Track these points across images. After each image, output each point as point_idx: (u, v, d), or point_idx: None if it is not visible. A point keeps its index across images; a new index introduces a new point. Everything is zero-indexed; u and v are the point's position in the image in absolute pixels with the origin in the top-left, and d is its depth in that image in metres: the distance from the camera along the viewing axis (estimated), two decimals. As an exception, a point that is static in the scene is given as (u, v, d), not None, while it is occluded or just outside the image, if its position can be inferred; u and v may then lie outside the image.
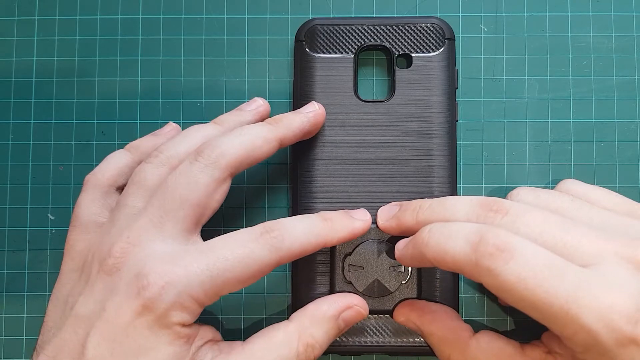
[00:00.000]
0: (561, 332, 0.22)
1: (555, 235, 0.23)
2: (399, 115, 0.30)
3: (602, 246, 0.22)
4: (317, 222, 0.26)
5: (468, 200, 0.25)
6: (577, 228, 0.23)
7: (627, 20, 0.32)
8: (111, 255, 0.24)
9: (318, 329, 0.26)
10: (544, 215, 0.23)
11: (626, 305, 0.21)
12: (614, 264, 0.22)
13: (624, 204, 0.27)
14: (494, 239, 0.22)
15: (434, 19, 0.30)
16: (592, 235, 0.23)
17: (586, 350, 0.22)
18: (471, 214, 0.24)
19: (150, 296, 0.23)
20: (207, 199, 0.25)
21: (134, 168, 0.29)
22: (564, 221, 0.23)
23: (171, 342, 0.23)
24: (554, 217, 0.23)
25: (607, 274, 0.21)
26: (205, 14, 0.32)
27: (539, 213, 0.24)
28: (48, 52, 0.32)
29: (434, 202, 0.26)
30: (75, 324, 0.24)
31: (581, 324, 0.21)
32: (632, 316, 0.20)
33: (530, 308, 0.22)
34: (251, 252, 0.24)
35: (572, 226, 0.23)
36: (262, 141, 0.27)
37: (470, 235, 0.23)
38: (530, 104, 0.32)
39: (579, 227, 0.23)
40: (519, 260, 0.21)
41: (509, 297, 0.22)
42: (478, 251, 0.22)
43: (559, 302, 0.21)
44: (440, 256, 0.23)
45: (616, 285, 0.21)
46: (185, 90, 0.32)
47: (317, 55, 0.30)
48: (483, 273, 0.22)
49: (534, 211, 0.24)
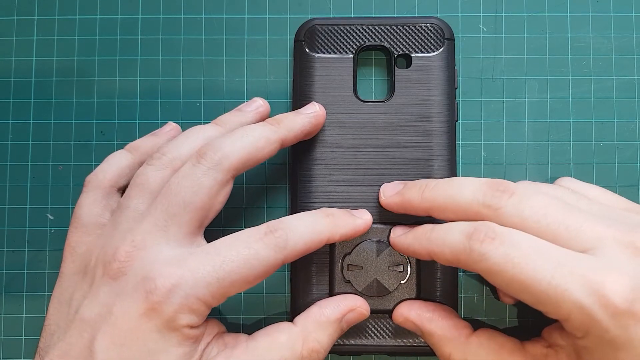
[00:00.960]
0: (557, 314, 0.22)
1: (558, 217, 0.23)
2: (398, 116, 0.30)
3: (602, 231, 0.23)
4: (319, 218, 0.26)
5: (476, 181, 0.25)
6: (580, 213, 0.24)
7: (627, 20, 0.32)
8: (116, 259, 0.24)
9: (322, 333, 0.26)
10: (548, 199, 0.24)
11: (622, 286, 0.21)
12: (612, 249, 0.22)
13: (619, 201, 0.27)
14: (486, 229, 0.23)
15: (434, 19, 0.30)
16: (593, 221, 0.23)
17: (586, 333, 0.22)
18: (478, 193, 0.25)
19: (158, 300, 0.23)
20: (210, 201, 0.25)
21: (134, 169, 0.29)
22: (566, 206, 0.24)
23: (180, 344, 0.24)
24: (558, 202, 0.24)
25: (604, 257, 0.22)
26: (204, 14, 0.32)
27: (544, 197, 0.24)
28: (47, 52, 0.32)
29: (440, 180, 0.26)
30: (81, 328, 0.24)
31: (572, 300, 0.21)
32: (628, 296, 0.21)
33: (521, 290, 0.22)
34: (256, 253, 0.24)
35: (575, 210, 0.24)
36: (265, 142, 0.27)
37: (466, 227, 0.24)
38: (530, 104, 0.32)
39: (582, 212, 0.24)
40: (508, 244, 0.23)
41: (500, 279, 0.23)
42: (472, 239, 0.23)
43: (546, 279, 0.22)
44: (439, 249, 0.24)
45: (612, 267, 0.22)
46: (184, 90, 0.32)
47: (317, 55, 0.30)
48: (476, 258, 0.23)
49: (539, 195, 0.24)
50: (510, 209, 0.24)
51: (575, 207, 0.24)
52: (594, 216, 0.24)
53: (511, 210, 0.24)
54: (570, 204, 0.24)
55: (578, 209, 0.24)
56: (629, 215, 0.25)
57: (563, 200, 0.25)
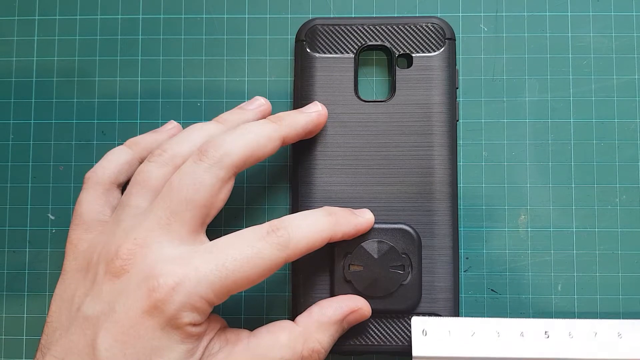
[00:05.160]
0: None
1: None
2: (399, 115, 0.30)
3: None
4: (321, 217, 0.26)
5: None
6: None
7: (627, 20, 0.32)
8: (118, 257, 0.24)
9: (323, 333, 0.26)
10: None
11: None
12: None
13: None
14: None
15: (434, 19, 0.30)
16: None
17: None
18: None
19: (161, 297, 0.23)
20: (212, 199, 0.25)
21: (134, 165, 0.29)
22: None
23: (183, 341, 0.24)
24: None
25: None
26: (205, 14, 0.32)
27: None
28: (48, 52, 0.32)
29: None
30: (83, 325, 0.24)
31: None
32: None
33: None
34: (259, 252, 0.24)
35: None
36: (266, 140, 0.26)
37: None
38: (530, 104, 0.32)
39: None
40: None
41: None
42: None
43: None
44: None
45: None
46: (185, 90, 0.32)
47: (318, 55, 0.30)
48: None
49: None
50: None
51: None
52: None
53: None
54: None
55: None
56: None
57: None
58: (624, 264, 0.31)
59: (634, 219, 0.31)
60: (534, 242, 0.31)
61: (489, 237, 0.31)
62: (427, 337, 0.28)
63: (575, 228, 0.31)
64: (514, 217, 0.31)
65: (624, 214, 0.31)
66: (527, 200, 0.31)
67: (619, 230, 0.31)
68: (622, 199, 0.31)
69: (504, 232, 0.31)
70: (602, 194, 0.31)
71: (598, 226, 0.31)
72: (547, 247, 0.31)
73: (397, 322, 0.29)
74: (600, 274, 0.31)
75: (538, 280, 0.31)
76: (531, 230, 0.31)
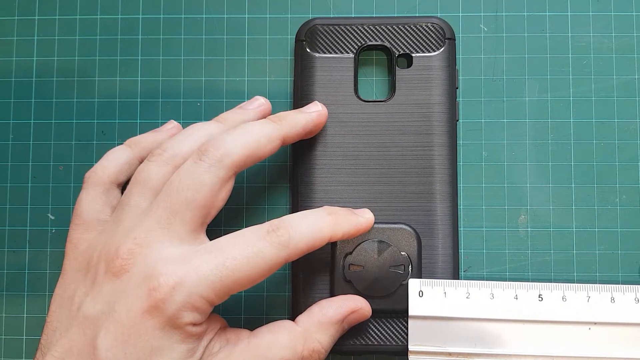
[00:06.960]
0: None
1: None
2: (399, 115, 0.30)
3: None
4: (321, 216, 0.26)
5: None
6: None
7: (627, 20, 0.32)
8: (119, 256, 0.24)
9: (324, 334, 0.26)
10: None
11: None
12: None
13: None
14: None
15: (434, 19, 0.30)
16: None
17: None
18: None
19: (161, 297, 0.23)
20: (212, 198, 0.25)
21: (134, 164, 0.29)
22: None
23: (183, 341, 0.24)
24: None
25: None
26: (205, 14, 0.32)
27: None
28: (48, 52, 0.32)
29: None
30: (83, 325, 0.24)
31: None
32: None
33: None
34: (259, 251, 0.24)
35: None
36: (267, 140, 0.26)
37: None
38: (530, 104, 0.32)
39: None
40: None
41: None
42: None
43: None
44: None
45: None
46: (185, 90, 0.32)
47: (318, 55, 0.30)
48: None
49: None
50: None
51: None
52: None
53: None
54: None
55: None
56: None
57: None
58: (624, 264, 0.31)
59: (634, 219, 0.31)
60: (534, 242, 0.31)
61: (489, 237, 0.31)
62: (423, 297, 0.28)
63: (575, 228, 0.31)
64: (514, 217, 0.31)
65: (624, 214, 0.31)
66: (527, 200, 0.31)
67: (619, 230, 0.31)
68: (622, 199, 0.31)
69: (503, 232, 0.31)
70: (602, 194, 0.31)
71: (598, 226, 0.31)
72: (547, 247, 0.31)
73: (397, 322, 0.29)
74: (600, 274, 0.31)
75: (538, 280, 0.31)
76: (531, 230, 0.31)
